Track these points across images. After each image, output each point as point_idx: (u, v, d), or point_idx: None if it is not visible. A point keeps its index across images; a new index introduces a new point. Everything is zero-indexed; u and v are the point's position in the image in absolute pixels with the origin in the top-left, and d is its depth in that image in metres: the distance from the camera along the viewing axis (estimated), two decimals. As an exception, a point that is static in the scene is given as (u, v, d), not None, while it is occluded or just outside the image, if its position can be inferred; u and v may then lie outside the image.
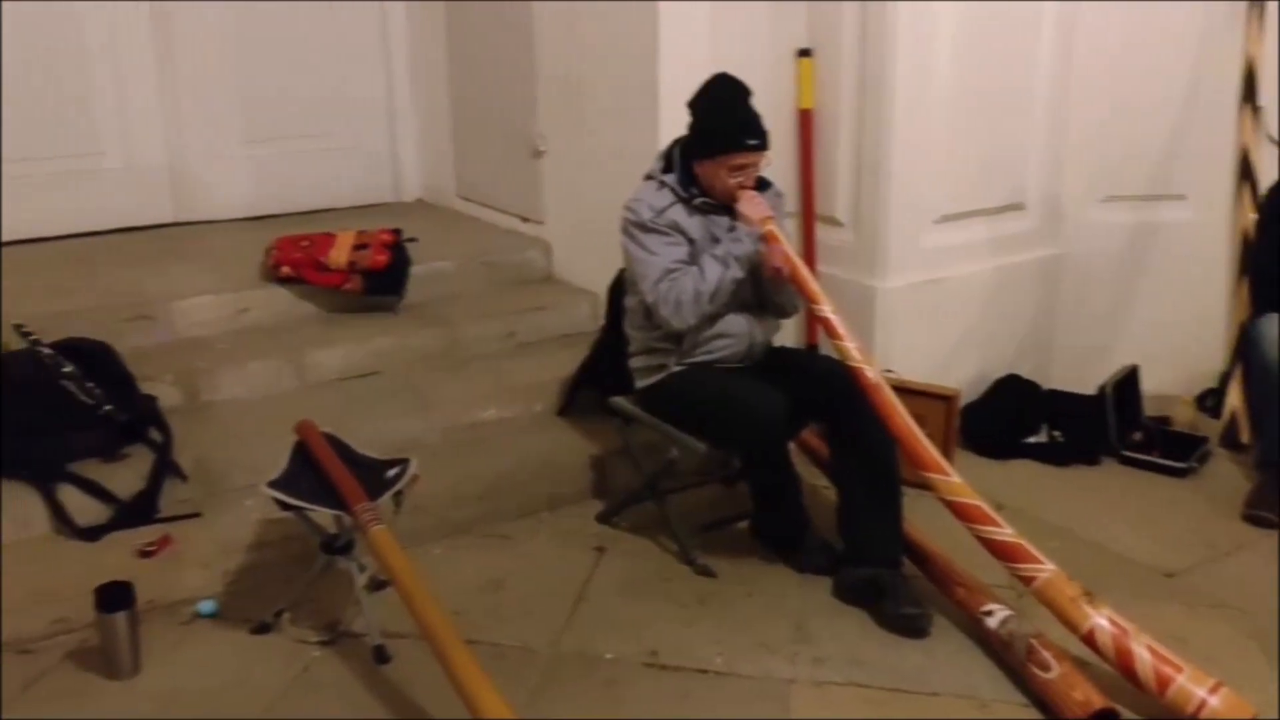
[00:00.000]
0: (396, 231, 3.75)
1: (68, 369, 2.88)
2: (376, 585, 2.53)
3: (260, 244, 3.69)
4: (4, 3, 3.79)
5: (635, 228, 2.75)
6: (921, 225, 3.55)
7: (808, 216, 3.67)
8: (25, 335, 2.98)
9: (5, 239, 3.82)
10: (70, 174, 3.99)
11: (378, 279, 3.63)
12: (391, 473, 2.56)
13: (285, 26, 4.32)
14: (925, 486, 2.55)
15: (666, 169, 2.81)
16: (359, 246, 3.65)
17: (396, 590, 2.25)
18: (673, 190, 2.77)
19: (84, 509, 2.73)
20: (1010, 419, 3.55)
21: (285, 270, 3.58)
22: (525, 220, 4.18)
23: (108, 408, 2.85)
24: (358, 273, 3.61)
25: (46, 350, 2.92)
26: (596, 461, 3.19)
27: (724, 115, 2.69)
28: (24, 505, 2.70)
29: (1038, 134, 3.70)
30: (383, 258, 3.64)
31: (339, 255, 3.60)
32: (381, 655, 2.40)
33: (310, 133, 4.44)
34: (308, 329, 3.54)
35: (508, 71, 4.08)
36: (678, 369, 2.79)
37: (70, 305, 3.31)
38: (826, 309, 2.61)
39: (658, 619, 2.59)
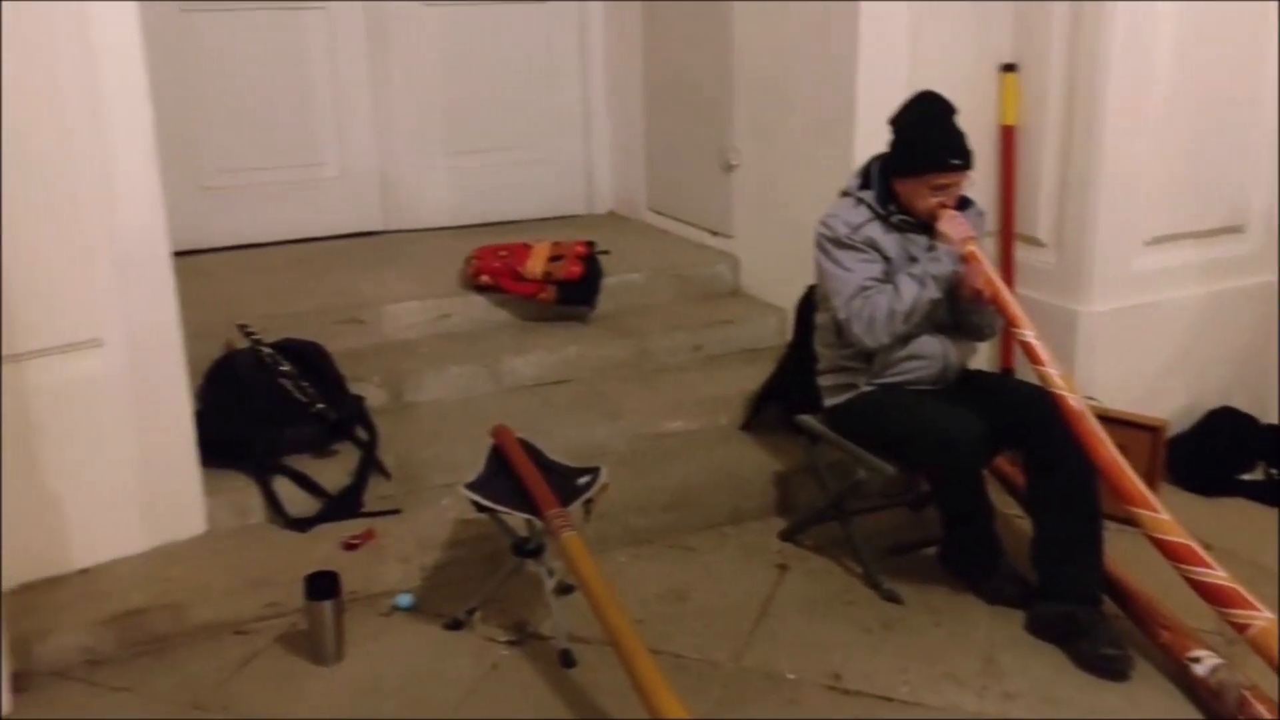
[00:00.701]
0: (590, 244, 3.83)
1: (285, 368, 3.07)
2: (564, 589, 2.59)
3: (461, 252, 3.84)
4: (232, 20, 4.06)
5: (830, 243, 2.73)
6: (1130, 247, 3.39)
7: (1007, 236, 3.56)
8: (248, 335, 3.18)
9: (234, 243, 4.09)
10: (293, 183, 4.24)
11: (571, 289, 3.73)
12: (583, 480, 2.62)
13: (491, 38, 4.47)
14: (1129, 521, 2.43)
15: (864, 185, 2.78)
16: (554, 258, 3.76)
17: (584, 596, 2.30)
18: (870, 207, 2.73)
19: (296, 501, 2.90)
20: (1223, 454, 3.36)
21: (484, 279, 3.72)
22: (714, 234, 4.20)
23: (320, 406, 3.02)
24: (552, 283, 3.71)
25: (267, 350, 3.11)
26: (780, 478, 3.18)
27: (928, 133, 2.65)
28: (242, 494, 2.89)
29: (1263, 149, 3.48)
30: (576, 269, 3.74)
31: (535, 265, 3.71)
32: (568, 659, 2.46)
33: (510, 145, 4.59)
34: (504, 336, 3.66)
35: (702, 85, 4.12)
36: (868, 389, 2.76)
37: (289, 308, 3.52)
38: (1028, 333, 2.53)
39: (841, 642, 2.56)
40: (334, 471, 2.97)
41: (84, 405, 2.61)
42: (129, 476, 2.69)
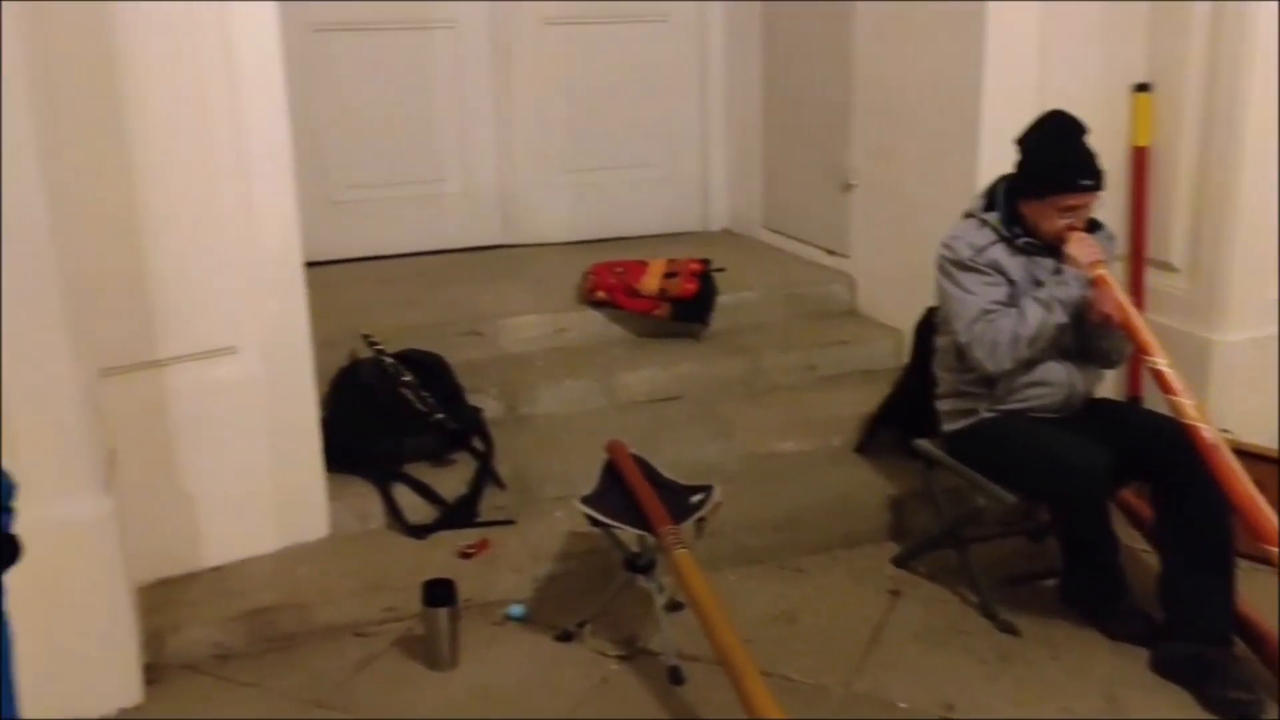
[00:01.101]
0: (705, 261, 3.85)
1: (407, 378, 3.15)
2: (674, 606, 2.60)
3: (578, 267, 3.89)
4: (363, 41, 4.19)
5: (953, 265, 2.69)
6: (1269, 273, 3.26)
7: (1137, 260, 3.46)
8: (372, 345, 3.28)
9: (360, 255, 4.22)
10: (417, 198, 4.36)
11: (685, 306, 3.75)
12: (695, 498, 2.63)
13: (611, 58, 4.52)
14: (1264, 560, 2.34)
15: (988, 207, 2.73)
16: (669, 274, 3.78)
17: (694, 613, 2.31)
18: (994, 229, 2.69)
19: (414, 508, 2.97)
20: (1366, 492, 3.19)
21: (600, 294, 3.76)
22: (831, 253, 4.17)
23: (440, 416, 3.09)
24: (667, 300, 3.73)
25: (389, 360, 3.20)
26: (895, 502, 3.14)
27: (1058, 154, 2.59)
28: (364, 500, 2.97)
29: None
30: (691, 286, 3.75)
31: (650, 282, 3.74)
32: (676, 676, 2.46)
33: (628, 162, 4.63)
34: (618, 351, 3.69)
35: (822, 103, 4.10)
36: (989, 415, 2.71)
37: (411, 319, 3.61)
38: (1160, 361, 2.45)
39: (955, 672, 2.52)
40: (451, 480, 3.04)
41: (219, 410, 2.72)
42: (260, 479, 2.79)
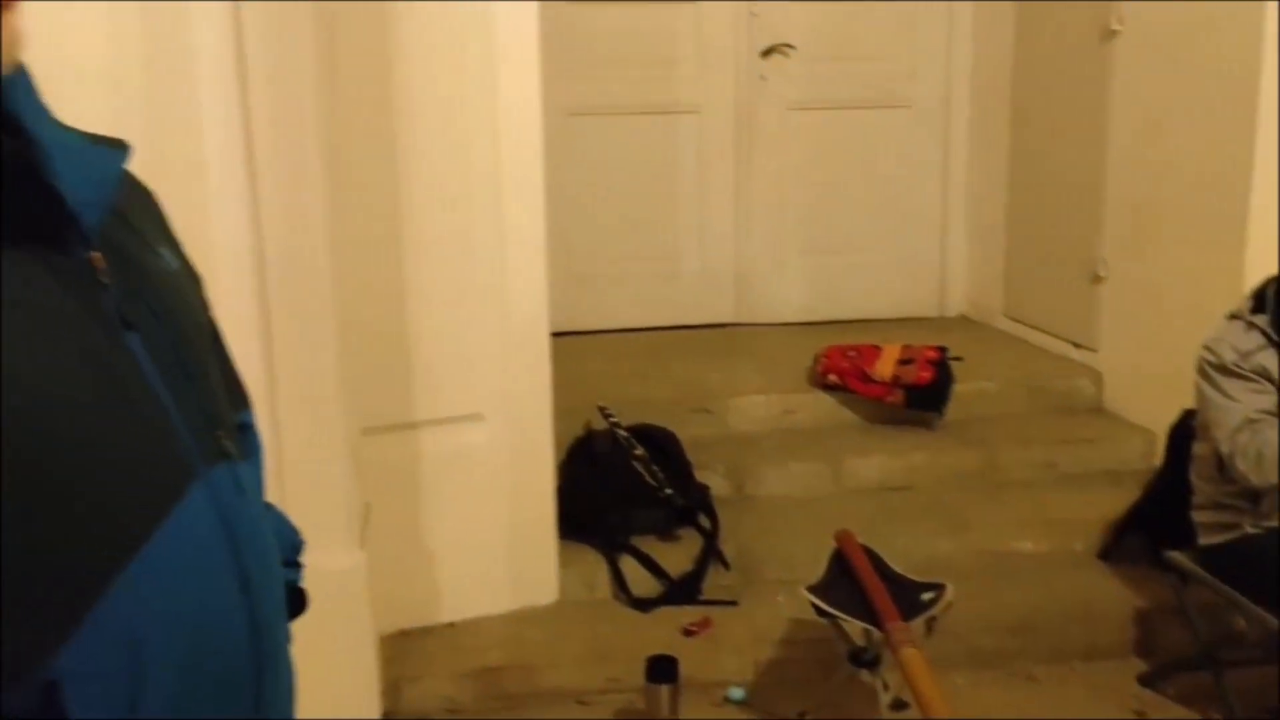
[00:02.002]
0: (941, 349, 3.77)
1: (639, 452, 3.22)
2: (898, 705, 2.52)
3: (809, 349, 3.89)
4: (612, 126, 4.38)
5: (1215, 370, 2.54)
6: None
7: None
8: (607, 417, 3.37)
9: (599, 328, 4.37)
10: (655, 275, 4.49)
11: (920, 394, 3.68)
12: (926, 595, 2.55)
13: (853, 142, 4.55)
14: None
15: (1257, 309, 2.57)
16: (904, 361, 3.72)
17: (920, 715, 2.23)
18: (1264, 333, 2.52)
19: (640, 580, 3.02)
20: None
21: (832, 378, 3.74)
22: (1077, 346, 4.01)
23: (669, 491, 3.14)
24: (901, 386, 3.68)
25: (623, 432, 3.28)
26: (1141, 615, 2.95)
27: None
28: (592, 569, 3.05)
29: None
30: (926, 374, 3.68)
31: (884, 368, 3.70)
32: (898, 778, 2.38)
33: (865, 245, 4.62)
34: (847, 436, 3.66)
35: (1071, 191, 3.98)
36: (1254, 531, 2.52)
37: (644, 393, 3.70)
38: None
39: (1207, 808, 2.33)
40: (677, 556, 3.07)
41: (464, 473, 2.87)
42: (497, 542, 2.91)
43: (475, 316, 2.83)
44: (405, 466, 2.81)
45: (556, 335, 3.31)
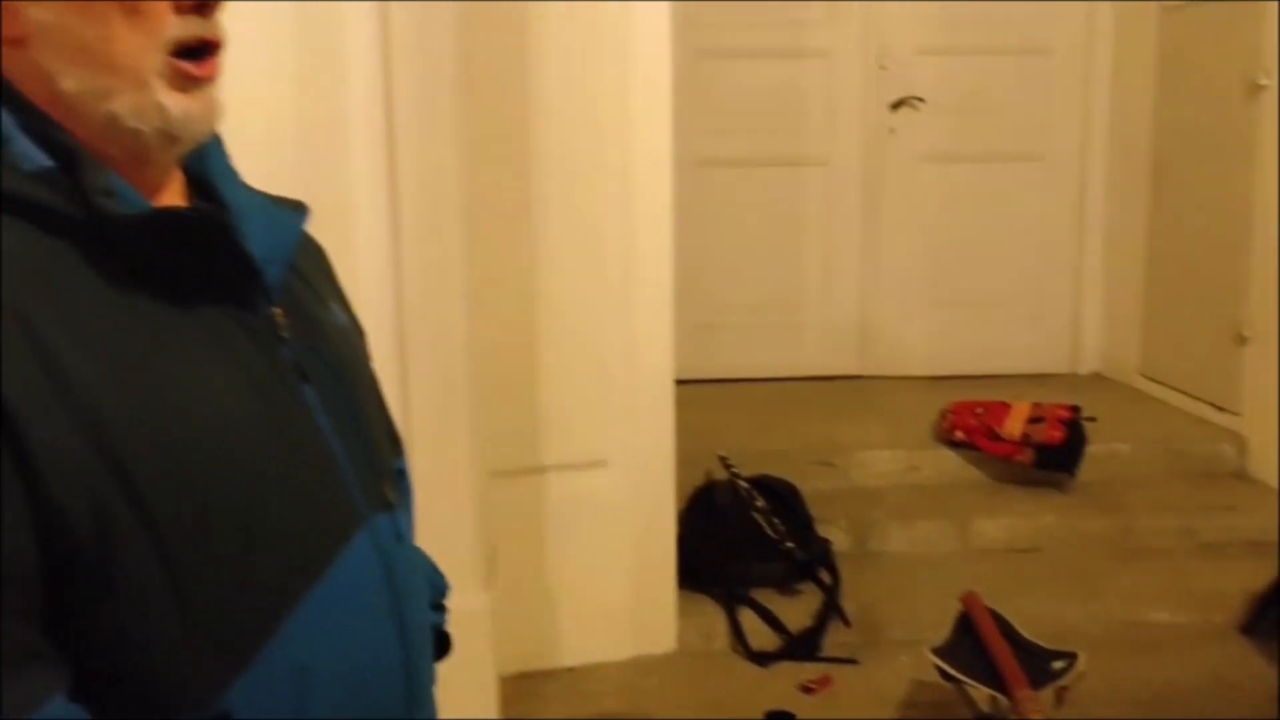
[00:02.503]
0: (1074, 408, 3.67)
1: (760, 503, 3.21)
2: (1025, 777, 2.44)
3: (934, 403, 3.83)
4: (740, 176, 4.42)
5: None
6: None
7: None
8: (728, 467, 3.37)
9: (720, 377, 4.38)
10: (778, 325, 4.50)
11: (1050, 454, 3.58)
12: (1058, 664, 2.48)
13: (984, 195, 4.50)
14: None
15: None
16: (1034, 419, 3.63)
17: (1051, 791, 2.16)
18: None
19: (758, 633, 3.00)
20: None
21: (958, 434, 3.67)
22: (1218, 409, 3.85)
23: (789, 544, 3.11)
24: (1030, 446, 3.59)
25: (744, 483, 3.28)
26: (1287, 695, 2.81)
27: None
28: (710, 620, 3.04)
29: None
30: (1058, 433, 3.59)
31: (1013, 426, 3.62)
32: None
33: (994, 299, 4.55)
34: (974, 495, 3.58)
35: (1214, 248, 3.85)
36: None
37: (765, 444, 3.69)
38: None
39: None
40: (796, 611, 3.04)
41: (586, 519, 2.90)
42: (618, 588, 2.93)
43: (602, 363, 2.88)
44: (530, 510, 2.86)
45: (679, 383, 3.33)
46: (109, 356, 0.74)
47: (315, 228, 1.03)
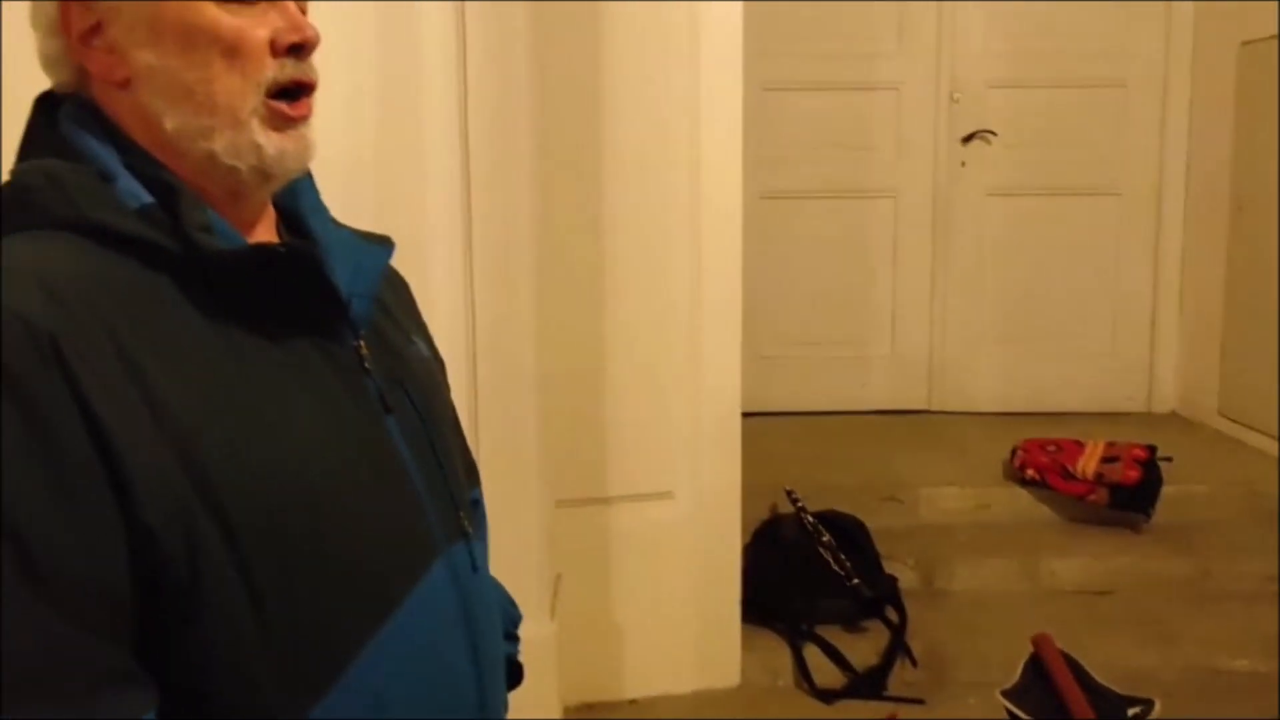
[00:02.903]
0: (1150, 447, 3.59)
1: (826, 538, 3.18)
2: (1098, 826, 2.38)
3: (1004, 440, 3.78)
4: (808, 208, 4.41)
5: None
6: None
7: None
8: (794, 501, 3.35)
9: (783, 409, 4.36)
10: (845, 358, 4.47)
11: (1125, 494, 3.51)
12: (1133, 710, 2.41)
13: (1056, 230, 4.44)
14: None
15: None
16: (1108, 459, 3.56)
17: (1126, 842, 2.10)
18: None
19: (823, 670, 2.96)
20: None
21: (1030, 472, 3.61)
22: (1301, 450, 3.75)
23: (855, 581, 3.08)
24: (1104, 485, 3.52)
25: (810, 518, 3.25)
26: (1375, 750, 2.70)
27: None
28: (774, 655, 3.01)
29: None
30: (1133, 473, 3.51)
31: (1086, 465, 3.55)
32: None
33: (1066, 335, 4.48)
34: (1045, 534, 3.51)
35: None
36: None
37: (831, 478, 3.66)
38: None
39: None
40: (862, 648, 3.00)
41: (652, 550, 2.90)
42: (682, 621, 2.92)
43: (669, 394, 2.88)
44: (596, 540, 2.86)
45: (746, 415, 3.33)
46: (201, 385, 0.76)
47: (394, 258, 1.05)
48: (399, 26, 2.23)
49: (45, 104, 0.83)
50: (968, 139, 4.39)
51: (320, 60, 0.86)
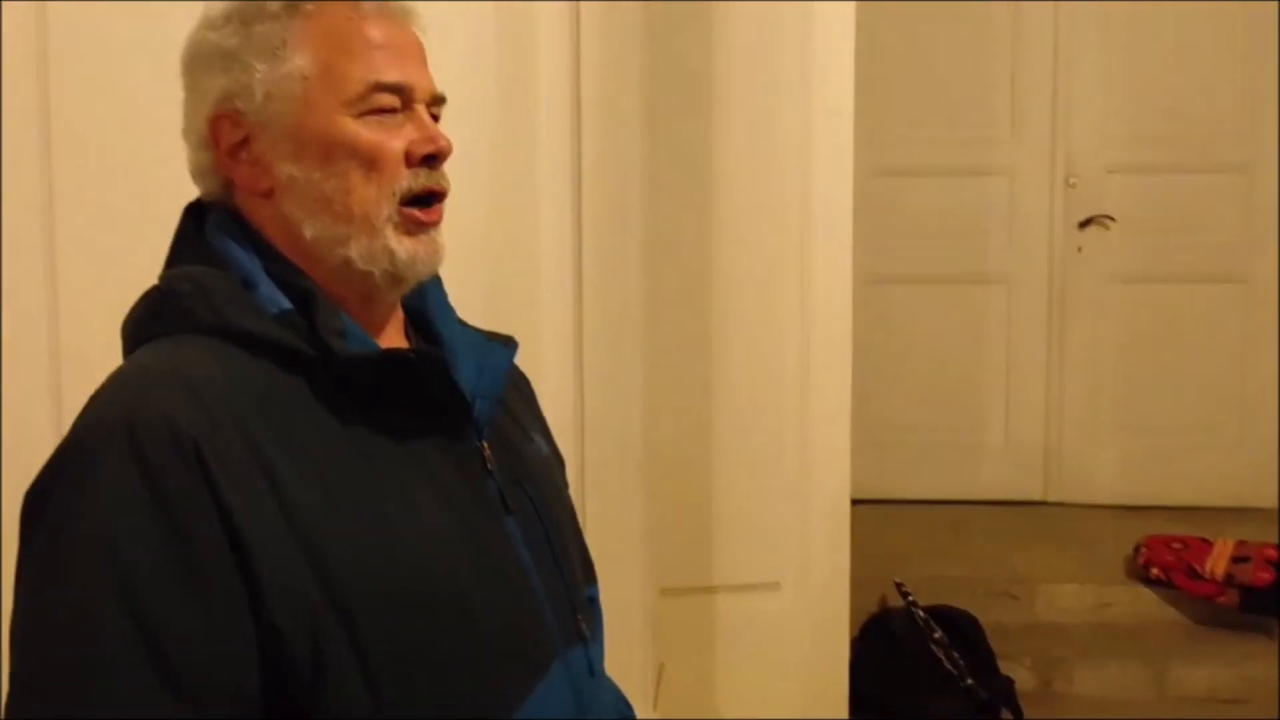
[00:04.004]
0: (1285, 547, 3.42)
1: (938, 635, 3.08)
2: None
3: (1126, 535, 3.64)
4: (917, 294, 4.36)
5: None
6: None
7: None
8: (904, 595, 3.26)
9: (895, 497, 4.26)
10: (956, 446, 4.37)
11: (1258, 597, 3.33)
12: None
13: (1177, 316, 4.30)
14: None
15: None
16: (1238, 558, 3.40)
17: None
18: None
19: (935, 774, 2.86)
20: None
21: (1154, 571, 3.46)
22: None
23: (969, 681, 2.97)
24: (1234, 586, 3.35)
25: (921, 613, 3.16)
26: None
27: None
28: (882, 755, 2.91)
29: None
30: (1266, 575, 3.34)
31: (1215, 564, 3.39)
32: None
33: (1191, 426, 4.30)
34: (1172, 637, 3.35)
35: None
36: None
37: (942, 570, 3.56)
38: None
39: None
40: (981, 753, 2.89)
41: (756, 641, 2.83)
42: (787, 715, 2.84)
43: (776, 483, 2.84)
44: (700, 630, 2.81)
45: (855, 503, 3.26)
46: (328, 485, 0.78)
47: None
48: (514, 138, 2.26)
49: (193, 212, 0.88)
50: (1084, 224, 4.30)
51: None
